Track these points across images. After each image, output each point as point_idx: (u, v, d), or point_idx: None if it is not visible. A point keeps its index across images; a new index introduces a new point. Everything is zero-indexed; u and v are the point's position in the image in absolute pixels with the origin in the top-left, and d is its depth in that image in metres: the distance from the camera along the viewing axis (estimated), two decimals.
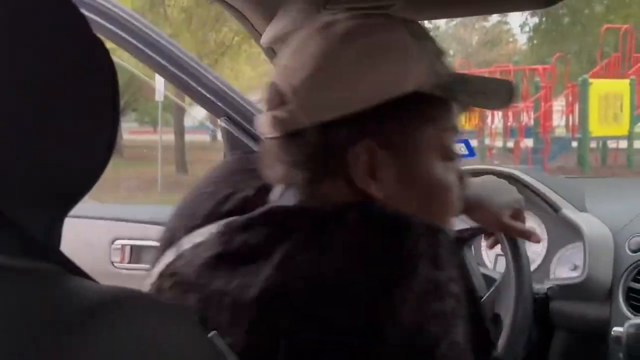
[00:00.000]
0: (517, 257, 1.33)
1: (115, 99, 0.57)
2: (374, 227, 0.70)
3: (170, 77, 1.62)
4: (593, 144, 11.56)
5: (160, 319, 0.58)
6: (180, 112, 13.64)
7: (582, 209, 1.60)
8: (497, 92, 0.82)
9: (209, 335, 0.67)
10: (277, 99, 0.77)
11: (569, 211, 1.57)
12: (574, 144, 11.36)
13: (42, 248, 0.54)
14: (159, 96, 10.92)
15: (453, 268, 0.70)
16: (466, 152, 1.91)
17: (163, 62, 1.57)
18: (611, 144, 11.91)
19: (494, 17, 22.58)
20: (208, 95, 1.63)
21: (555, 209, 1.59)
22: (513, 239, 1.35)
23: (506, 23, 23.77)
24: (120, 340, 0.52)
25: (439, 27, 22.60)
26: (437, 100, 0.78)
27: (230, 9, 1.34)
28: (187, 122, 14.93)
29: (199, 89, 1.62)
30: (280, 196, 0.80)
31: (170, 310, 0.62)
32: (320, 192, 0.76)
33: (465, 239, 1.50)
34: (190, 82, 1.61)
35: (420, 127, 0.77)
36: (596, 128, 10.75)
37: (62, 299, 0.52)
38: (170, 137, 13.74)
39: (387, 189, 0.76)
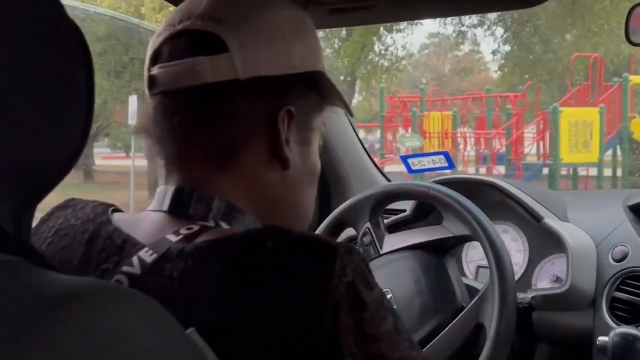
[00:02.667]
0: (500, 266, 1.31)
1: (89, 85, 0.54)
2: (296, 255, 0.67)
3: None
4: (564, 171, 11.69)
5: (132, 311, 0.55)
6: None
7: (564, 218, 1.59)
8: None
9: (187, 331, 0.64)
10: (208, 45, 0.74)
11: (551, 221, 1.56)
12: (545, 170, 11.48)
13: (7, 239, 0.51)
14: (132, 120, 10.90)
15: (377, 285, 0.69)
16: (446, 165, 1.91)
17: None
18: (581, 171, 12.06)
19: (466, 47, 22.90)
20: None
21: (537, 218, 1.57)
22: (496, 248, 1.33)
23: (478, 52, 24.13)
24: (88, 333, 0.49)
25: (412, 54, 22.86)
26: (331, 85, 0.81)
27: None
28: None
29: None
30: (176, 205, 0.76)
31: (144, 302, 0.59)
32: (240, 163, 0.75)
33: (449, 248, 1.49)
34: None
35: (322, 107, 0.81)
36: (567, 155, 10.89)
37: (27, 291, 0.49)
38: (143, 162, 13.64)
39: (293, 160, 0.78)
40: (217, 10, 0.75)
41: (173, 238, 0.71)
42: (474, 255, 1.73)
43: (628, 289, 1.46)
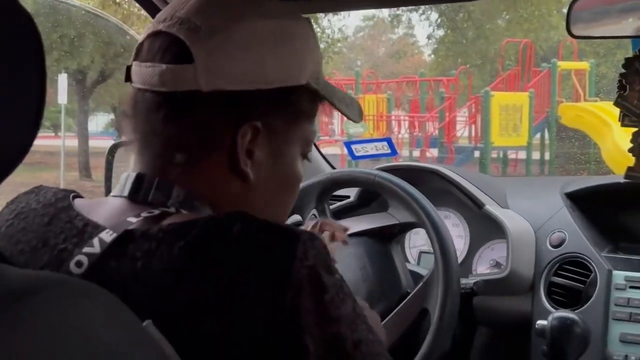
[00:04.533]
0: (445, 253, 1.34)
1: (41, 71, 0.53)
2: (261, 239, 0.68)
3: None
4: (494, 154, 11.96)
5: (90, 305, 0.55)
6: (84, 117, 13.24)
7: (504, 205, 1.63)
8: (354, 106, 0.88)
9: (144, 324, 0.64)
10: (177, 52, 0.74)
11: (492, 207, 1.60)
12: (477, 153, 11.72)
13: None
14: (61, 99, 10.61)
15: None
16: (389, 151, 1.93)
17: None
18: (511, 154, 12.36)
19: (401, 30, 23.10)
20: None
21: (479, 205, 1.61)
22: (440, 235, 1.36)
23: (412, 36, 24.37)
24: (46, 327, 0.49)
25: (347, 37, 22.90)
26: (317, 98, 0.81)
27: None
28: (91, 127, 14.51)
29: None
30: (135, 190, 0.77)
31: (101, 296, 0.59)
32: (193, 178, 0.76)
33: (394, 234, 1.51)
34: None
35: (299, 120, 0.80)
36: (497, 138, 11.12)
37: None
38: (73, 142, 13.32)
39: (257, 172, 0.78)
40: (197, 16, 0.75)
41: (133, 220, 0.72)
42: (416, 241, 1.76)
43: (565, 274, 1.50)
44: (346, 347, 0.67)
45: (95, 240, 0.70)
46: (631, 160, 1.37)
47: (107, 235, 0.70)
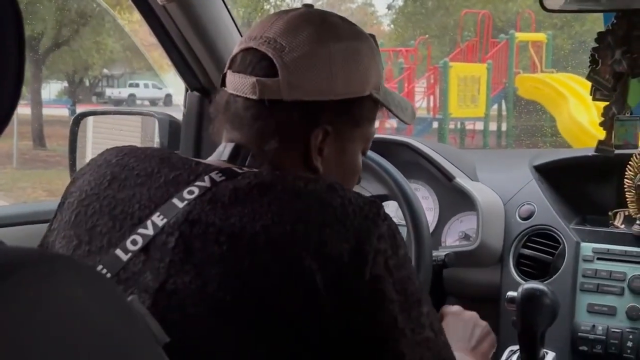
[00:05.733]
0: (417, 226, 1.34)
1: (20, 51, 0.53)
2: (353, 197, 0.79)
3: None
4: (452, 125, 12.07)
5: (76, 280, 0.56)
6: (37, 85, 12.94)
7: (474, 178, 1.65)
8: (407, 110, 1.03)
9: (129, 299, 0.66)
10: (265, 67, 0.87)
11: (462, 180, 1.60)
12: (435, 124, 11.81)
13: None
14: None
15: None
16: None
17: None
18: (469, 125, 12.49)
19: (360, 0, 23.00)
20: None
21: (449, 177, 1.61)
22: (413, 207, 1.36)
23: (371, 5, 24.28)
24: (32, 302, 0.49)
25: None
26: (377, 105, 0.95)
27: None
28: (44, 95, 14.20)
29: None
30: (233, 156, 0.89)
31: (87, 271, 0.59)
32: (279, 161, 0.88)
33: None
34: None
35: (362, 124, 0.94)
36: (455, 110, 11.23)
37: None
38: (26, 110, 13.04)
39: (326, 166, 0.91)
40: (282, 37, 0.88)
41: (239, 170, 0.84)
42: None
43: (534, 245, 1.53)
44: (411, 288, 0.78)
45: (206, 177, 0.82)
46: (586, 132, 1.40)
47: (217, 176, 0.81)
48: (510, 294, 1.41)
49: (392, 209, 1.73)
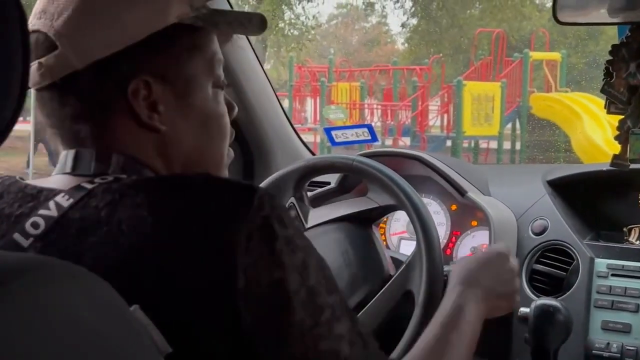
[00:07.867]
0: (427, 233, 1.32)
1: (25, 58, 0.52)
2: (222, 189, 0.73)
3: None
4: (466, 143, 12.04)
5: (76, 287, 0.55)
6: None
7: (486, 193, 1.63)
8: (252, 22, 0.86)
9: (131, 308, 0.64)
10: (43, 46, 0.76)
11: (474, 195, 1.59)
12: (449, 142, 11.78)
13: None
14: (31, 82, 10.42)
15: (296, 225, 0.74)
16: (370, 137, 1.91)
17: None
18: (482, 144, 12.45)
19: (374, 18, 23.12)
20: None
21: (462, 192, 1.60)
22: (423, 216, 1.34)
23: (385, 24, 24.40)
24: (30, 309, 0.48)
25: (321, 24, 22.86)
26: (200, 31, 0.82)
27: None
28: None
29: None
30: (75, 160, 0.79)
31: (88, 279, 0.58)
32: (113, 137, 0.78)
33: (374, 218, 1.50)
34: None
35: (189, 58, 0.81)
36: (469, 128, 11.20)
37: None
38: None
39: (168, 121, 0.80)
40: (49, 3, 0.77)
41: (88, 186, 0.75)
42: (396, 227, 1.75)
43: (547, 261, 1.50)
44: (288, 292, 0.70)
45: (52, 203, 0.73)
46: (600, 151, 1.38)
47: (64, 200, 0.73)
48: (523, 310, 1.38)
49: (400, 223, 1.73)
